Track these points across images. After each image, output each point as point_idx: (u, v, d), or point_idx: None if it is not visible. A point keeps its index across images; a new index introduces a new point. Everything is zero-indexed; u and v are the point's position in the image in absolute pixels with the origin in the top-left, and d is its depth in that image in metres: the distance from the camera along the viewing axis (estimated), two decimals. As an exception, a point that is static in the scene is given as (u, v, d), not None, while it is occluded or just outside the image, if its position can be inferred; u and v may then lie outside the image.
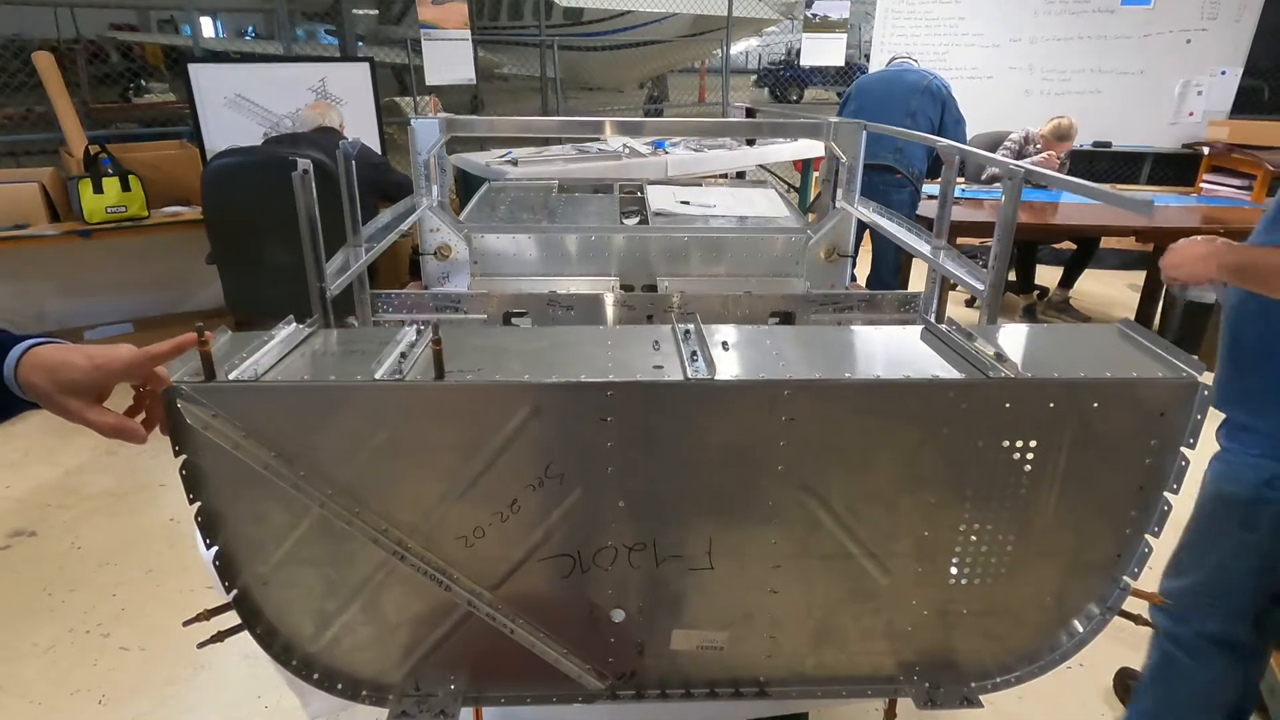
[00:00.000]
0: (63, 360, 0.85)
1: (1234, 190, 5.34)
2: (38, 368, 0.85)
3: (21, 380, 0.85)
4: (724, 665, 0.95)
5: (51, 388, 0.84)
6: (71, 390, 0.85)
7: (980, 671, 0.98)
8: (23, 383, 0.85)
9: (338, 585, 0.89)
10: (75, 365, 0.85)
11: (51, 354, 0.86)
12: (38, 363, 0.85)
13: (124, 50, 10.85)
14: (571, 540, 0.87)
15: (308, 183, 1.38)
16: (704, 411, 0.83)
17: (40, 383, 0.84)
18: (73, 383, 0.85)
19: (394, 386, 0.80)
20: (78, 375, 0.85)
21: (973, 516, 0.89)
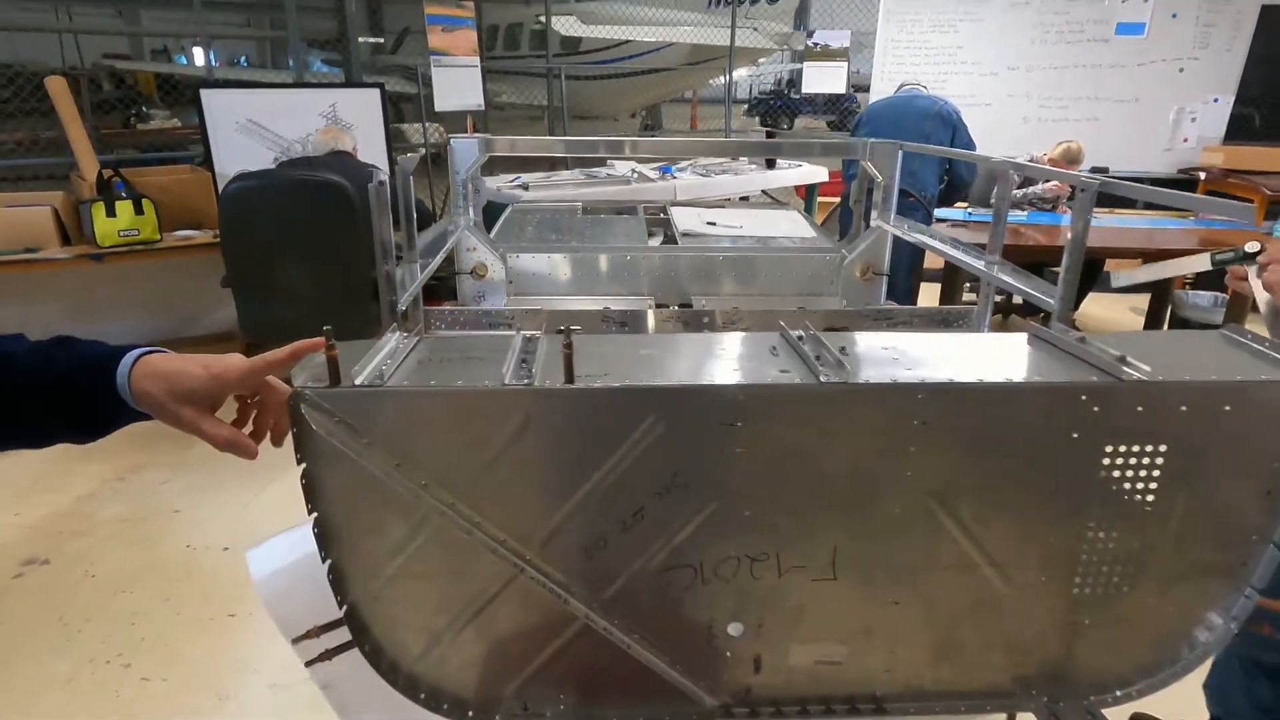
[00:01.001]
0: (179, 369, 0.84)
1: (1231, 214, 5.43)
2: (152, 376, 0.83)
3: (135, 389, 0.83)
4: (841, 681, 0.93)
5: (166, 397, 0.83)
6: (187, 399, 0.83)
7: (1098, 685, 0.95)
8: (136, 392, 0.83)
9: (451, 600, 0.86)
10: (192, 374, 0.84)
11: (166, 363, 0.84)
12: (151, 371, 0.83)
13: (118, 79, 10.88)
14: (694, 551, 0.85)
15: (382, 194, 1.36)
16: (835, 416, 0.81)
17: (155, 391, 0.83)
18: (189, 392, 0.83)
19: (524, 391, 0.78)
20: (194, 384, 0.83)
21: (1098, 523, 0.87)
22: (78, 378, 0.85)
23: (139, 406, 0.84)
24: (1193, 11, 5.82)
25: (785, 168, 5.80)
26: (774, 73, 18.16)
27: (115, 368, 0.84)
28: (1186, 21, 5.86)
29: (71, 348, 0.88)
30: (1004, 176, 1.66)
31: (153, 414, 0.85)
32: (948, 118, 3.95)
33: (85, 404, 0.85)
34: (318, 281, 3.59)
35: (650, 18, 8.93)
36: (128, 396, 0.83)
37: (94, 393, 0.84)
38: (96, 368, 0.85)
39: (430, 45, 5.03)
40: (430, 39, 5.02)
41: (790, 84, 18.30)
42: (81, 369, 0.85)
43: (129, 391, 0.83)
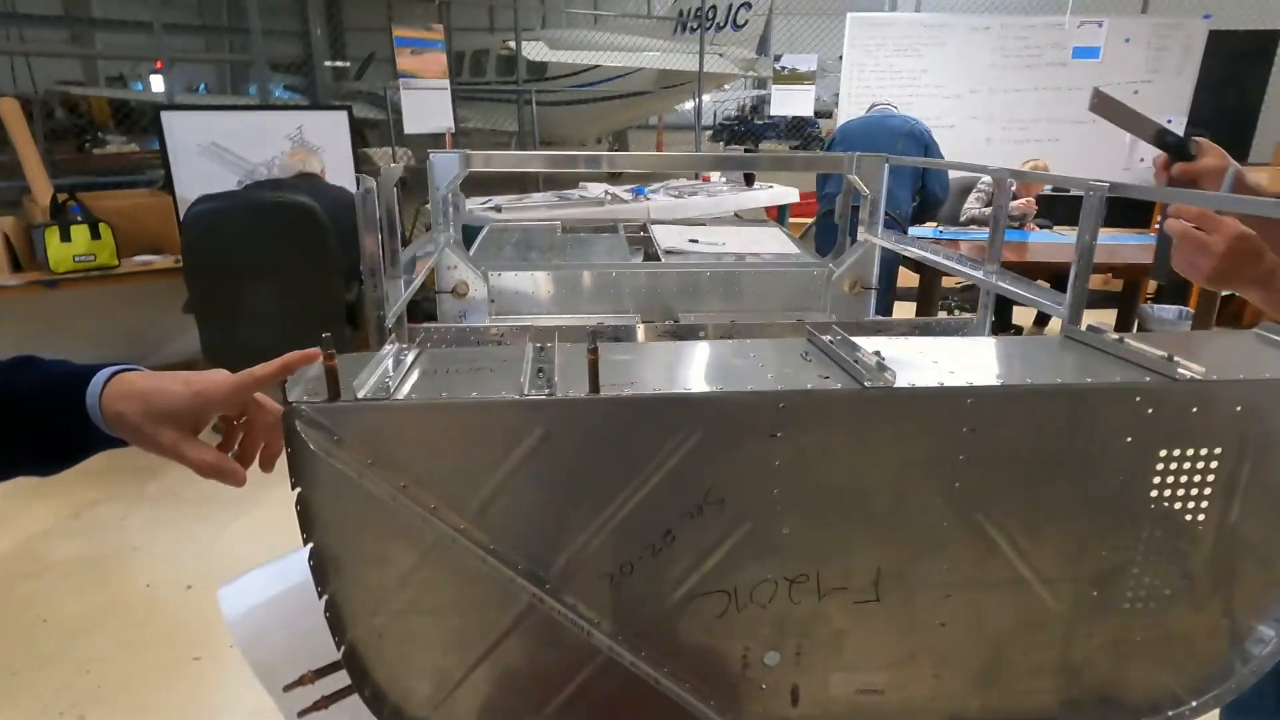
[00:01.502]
0: (157, 387, 0.75)
1: (1188, 228, 5.56)
2: (127, 396, 0.74)
3: (107, 411, 0.74)
4: (883, 712, 0.86)
5: (143, 419, 0.74)
6: (167, 420, 0.75)
7: (1150, 705, 0.90)
8: (108, 414, 0.74)
9: (461, 636, 0.78)
10: (172, 392, 0.75)
11: (142, 380, 0.75)
12: (126, 390, 0.74)
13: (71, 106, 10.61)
14: (728, 575, 0.78)
15: (370, 203, 1.28)
16: (881, 424, 0.76)
17: (130, 412, 0.74)
18: (169, 412, 0.75)
19: (546, 402, 0.71)
20: (175, 403, 0.75)
21: (1149, 533, 0.82)
22: (42, 400, 0.75)
23: (112, 431, 0.75)
24: (1144, 36, 6.01)
25: (757, 189, 5.83)
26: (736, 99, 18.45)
27: (85, 387, 0.75)
28: (1139, 46, 6.04)
29: (36, 367, 0.79)
30: (1002, 186, 1.64)
31: (128, 439, 0.76)
32: (920, 136, 3.99)
33: (50, 429, 0.76)
34: (286, 306, 3.47)
35: (617, 44, 8.98)
36: (99, 420, 0.74)
37: (60, 416, 0.75)
38: (63, 388, 0.76)
39: (399, 68, 4.97)
40: (399, 61, 4.96)
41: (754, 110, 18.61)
42: (46, 390, 0.76)
43: (100, 414, 0.74)
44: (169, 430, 0.75)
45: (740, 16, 8.79)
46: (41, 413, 0.75)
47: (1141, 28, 5.97)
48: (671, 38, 9.48)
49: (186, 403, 0.75)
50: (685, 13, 9.23)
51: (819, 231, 4.34)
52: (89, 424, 0.74)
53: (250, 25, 4.55)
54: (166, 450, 0.76)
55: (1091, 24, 5.96)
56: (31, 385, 0.76)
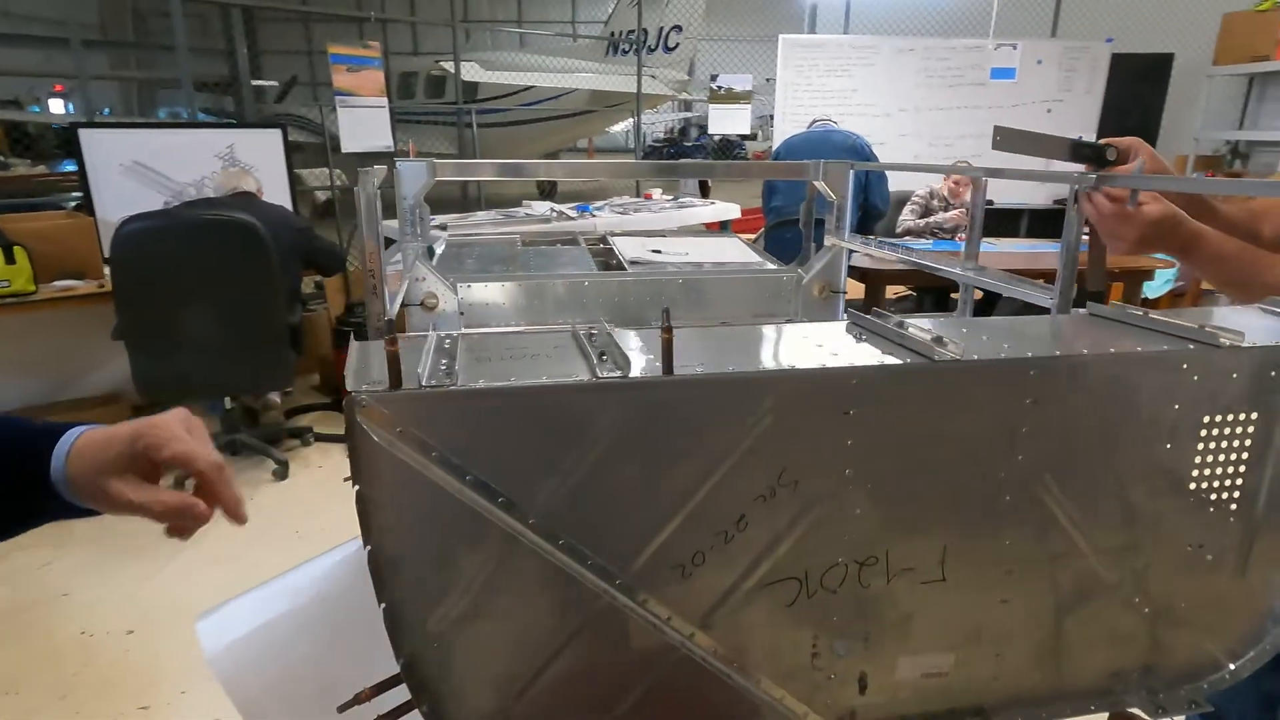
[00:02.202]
0: (106, 436, 0.68)
1: (1104, 238, 5.91)
2: (80, 455, 0.68)
3: (72, 475, 0.67)
4: (947, 694, 0.85)
5: (92, 472, 0.67)
6: (112, 470, 0.67)
7: (1190, 672, 0.92)
8: (72, 478, 0.67)
9: (526, 641, 0.73)
10: (117, 437, 0.68)
11: (97, 434, 0.69)
12: (82, 448, 0.68)
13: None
14: (800, 560, 0.76)
15: (370, 187, 1.22)
16: (948, 397, 0.75)
17: (82, 471, 0.67)
18: (114, 459, 0.67)
19: (619, 384, 0.68)
20: (119, 448, 0.68)
21: (1195, 500, 0.84)
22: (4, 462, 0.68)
23: (74, 498, 0.68)
24: (1055, 58, 6.38)
25: (700, 205, 5.90)
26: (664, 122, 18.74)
27: (50, 449, 0.67)
28: (1050, 67, 6.41)
29: None
30: (978, 184, 1.69)
31: (85, 502, 0.69)
32: (862, 150, 4.11)
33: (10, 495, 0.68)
34: (226, 330, 3.30)
35: (550, 65, 9.00)
36: (63, 487, 0.68)
37: (20, 481, 0.68)
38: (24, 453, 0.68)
39: (335, 85, 4.84)
40: (335, 79, 4.83)
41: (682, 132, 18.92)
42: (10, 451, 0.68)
43: (65, 480, 0.67)
44: (114, 480, 0.68)
45: (671, 39, 8.93)
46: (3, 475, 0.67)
47: (1052, 50, 6.34)
48: (604, 59, 9.57)
49: (123, 448, 0.68)
50: (617, 35, 9.33)
51: (766, 244, 4.41)
52: (48, 492, 0.68)
53: (175, 42, 4.35)
54: (116, 500, 0.68)
55: (1007, 46, 6.29)
56: None
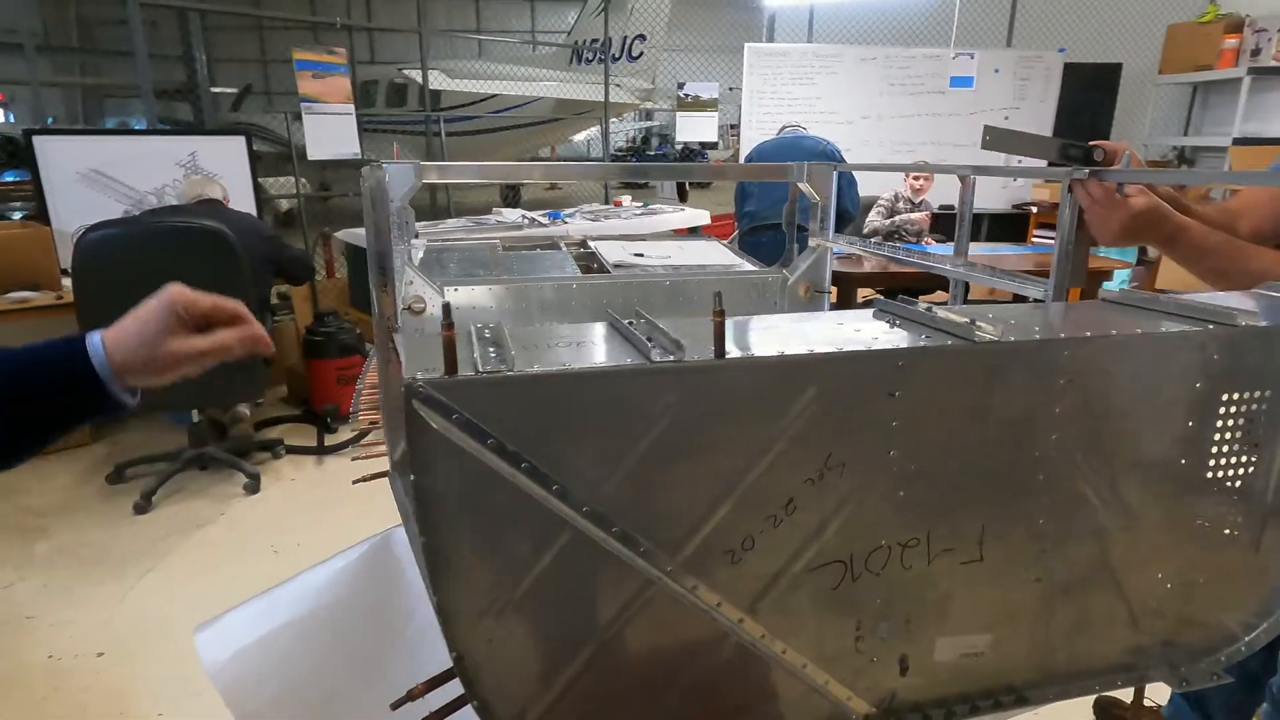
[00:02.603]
0: (134, 318, 0.77)
1: (1060, 241, 6.10)
2: (118, 340, 0.76)
3: (114, 361, 0.74)
4: (984, 674, 0.86)
5: (148, 346, 0.76)
6: (166, 334, 0.76)
7: (1207, 645, 0.94)
8: (116, 364, 0.74)
9: (576, 633, 0.72)
10: (147, 311, 0.77)
11: (121, 326, 0.77)
12: (115, 337, 0.76)
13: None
14: (845, 543, 0.77)
15: (379, 182, 1.19)
16: (988, 378, 0.77)
17: (132, 348, 0.75)
18: (161, 327, 0.76)
19: (674, 368, 0.68)
20: (158, 315, 0.77)
21: (1214, 476, 0.87)
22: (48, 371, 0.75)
23: (119, 382, 0.75)
24: (1011, 67, 6.56)
25: (670, 212, 5.93)
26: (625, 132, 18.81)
27: (77, 354, 0.74)
28: (1006, 76, 6.59)
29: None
30: (966, 181, 1.73)
31: (138, 377, 0.76)
32: (833, 156, 4.17)
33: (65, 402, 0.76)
34: (195, 340, 3.21)
35: (514, 74, 8.98)
36: (108, 377, 0.74)
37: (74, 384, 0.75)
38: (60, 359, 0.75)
39: (301, 92, 4.76)
40: (300, 85, 4.75)
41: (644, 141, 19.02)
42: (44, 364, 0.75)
43: (109, 370, 0.74)
44: (176, 339, 0.77)
45: (635, 48, 8.98)
46: (51, 385, 0.74)
47: (1008, 59, 6.52)
48: (567, 68, 9.57)
49: (166, 314, 0.77)
50: (580, 44, 9.35)
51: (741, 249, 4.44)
52: (94, 387, 0.75)
53: (134, 49, 4.24)
54: (186, 356, 0.77)
55: (965, 55, 6.46)
56: (26, 364, 0.75)
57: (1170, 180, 1.29)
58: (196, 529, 3.31)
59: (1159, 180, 1.30)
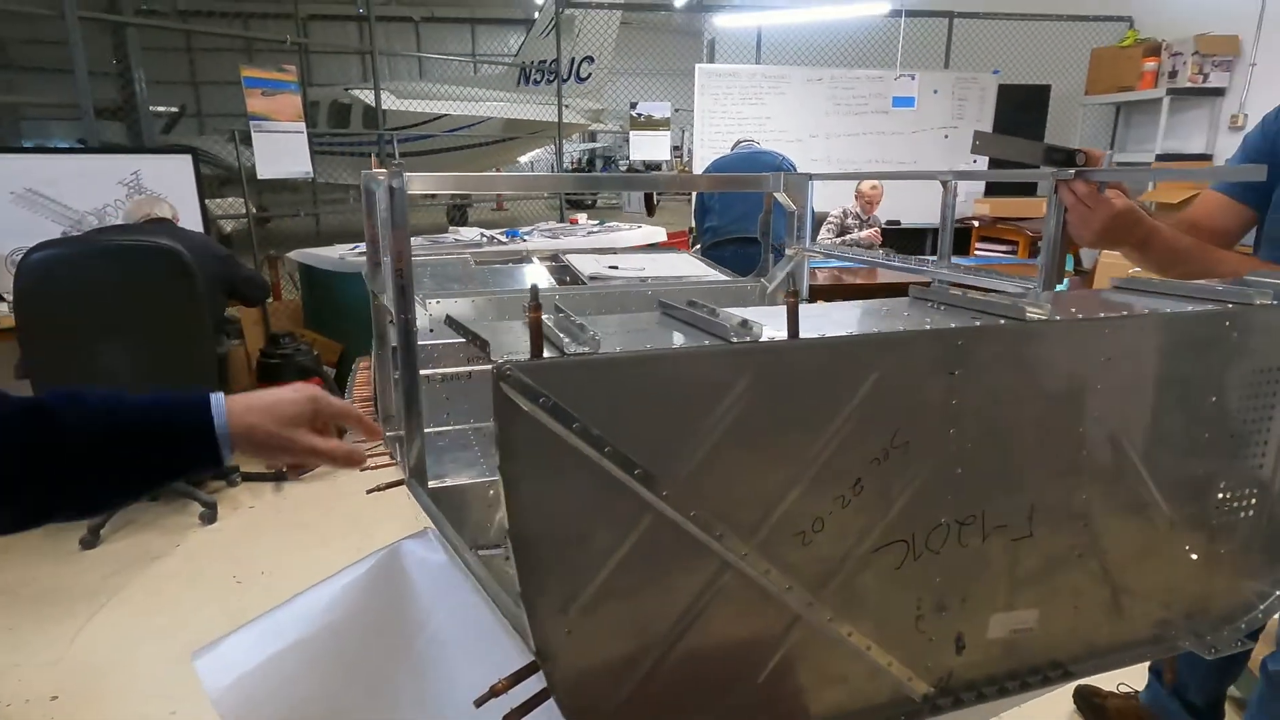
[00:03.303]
0: (275, 398, 0.81)
1: (1001, 253, 6.35)
2: (252, 409, 0.78)
3: (235, 429, 0.76)
4: (1032, 651, 0.88)
5: (278, 425, 0.79)
6: (297, 423, 0.81)
7: (1228, 614, 0.98)
8: (237, 432, 0.76)
9: (657, 620, 0.71)
10: (291, 399, 0.82)
11: (253, 397, 0.80)
12: (248, 405, 0.78)
13: None
14: (908, 522, 0.78)
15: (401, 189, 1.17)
16: (1037, 357, 0.79)
17: (261, 424, 0.78)
18: (295, 416, 0.81)
19: (753, 349, 0.68)
20: (298, 409, 0.82)
21: (1235, 448, 0.91)
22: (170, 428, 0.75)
23: (229, 451, 0.77)
24: (949, 88, 6.84)
25: (626, 229, 5.96)
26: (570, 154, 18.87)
27: (200, 411, 0.75)
28: (945, 97, 6.86)
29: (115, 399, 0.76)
30: (948, 187, 1.79)
31: (252, 451, 0.79)
32: (789, 170, 4.27)
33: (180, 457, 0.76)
34: (148, 364, 3.08)
35: (463, 94, 8.94)
36: (224, 441, 0.75)
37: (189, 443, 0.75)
38: (179, 412, 0.76)
39: (250, 110, 4.64)
40: (250, 103, 4.63)
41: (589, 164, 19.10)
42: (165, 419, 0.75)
43: (227, 434, 0.76)
44: (303, 431, 0.82)
45: (583, 70, 9.05)
46: (172, 442, 0.75)
47: (946, 81, 6.79)
48: (516, 89, 9.58)
49: (305, 406, 0.82)
50: (528, 65, 9.38)
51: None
52: (212, 445, 0.75)
53: (75, 66, 4.08)
54: (303, 449, 0.82)
55: (906, 77, 6.70)
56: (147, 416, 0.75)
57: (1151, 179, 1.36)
58: (151, 562, 3.15)
59: (1141, 179, 1.37)
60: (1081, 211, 1.41)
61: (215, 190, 8.61)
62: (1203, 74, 5.78)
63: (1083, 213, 1.41)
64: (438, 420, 1.69)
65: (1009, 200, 6.59)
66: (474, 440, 1.63)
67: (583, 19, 8.27)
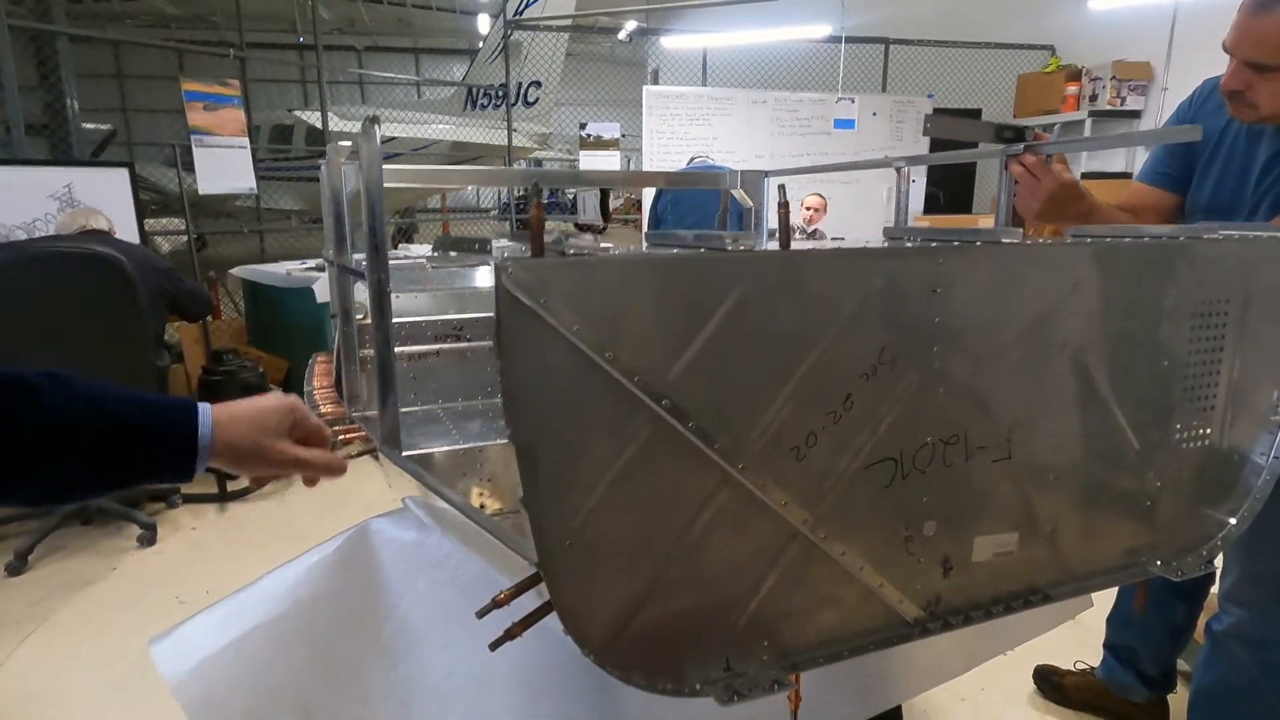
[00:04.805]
0: (255, 408, 0.78)
1: (943, 270, 6.58)
2: (236, 419, 0.75)
3: (219, 440, 0.73)
4: (1013, 576, 0.90)
5: (260, 434, 0.77)
6: (276, 433, 0.78)
7: (1198, 538, 1.02)
8: (220, 442, 0.73)
9: (654, 536, 0.71)
10: (271, 408, 0.79)
11: (235, 406, 0.77)
12: (233, 414, 0.75)
13: None
14: (896, 439, 0.79)
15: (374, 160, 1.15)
16: (1013, 279, 0.82)
17: (243, 435, 0.75)
18: (277, 426, 0.79)
19: (745, 257, 0.69)
20: (279, 417, 0.79)
21: (1187, 378, 0.96)
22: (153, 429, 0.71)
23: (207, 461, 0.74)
24: (887, 111, 7.09)
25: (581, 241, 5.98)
26: (516, 181, 18.86)
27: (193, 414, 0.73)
28: (884, 119, 7.11)
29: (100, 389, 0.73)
30: (902, 173, 1.85)
31: (232, 463, 0.76)
32: (741, 184, 4.36)
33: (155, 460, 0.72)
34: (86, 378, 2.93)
35: (411, 118, 8.90)
36: (204, 450, 0.72)
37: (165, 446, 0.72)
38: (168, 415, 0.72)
39: (191, 124, 4.53)
40: (191, 117, 4.52)
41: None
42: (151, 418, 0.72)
43: (209, 443, 0.73)
44: (286, 441, 0.79)
45: (530, 94, 9.11)
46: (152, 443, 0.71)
47: (884, 104, 7.05)
48: (462, 114, 9.57)
49: (287, 416, 0.80)
50: (475, 90, 9.39)
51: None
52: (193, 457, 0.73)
53: (4, 79, 3.94)
54: (280, 458, 0.79)
55: (846, 100, 6.93)
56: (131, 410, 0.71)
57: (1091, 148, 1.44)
58: (84, 586, 2.99)
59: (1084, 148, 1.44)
60: (1030, 182, 1.48)
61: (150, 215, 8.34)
62: (1120, 97, 6.13)
63: (1031, 184, 1.48)
64: (405, 401, 1.66)
65: (945, 218, 6.85)
66: (443, 416, 1.60)
67: (530, 43, 8.35)
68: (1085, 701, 2.15)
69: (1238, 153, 1.51)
